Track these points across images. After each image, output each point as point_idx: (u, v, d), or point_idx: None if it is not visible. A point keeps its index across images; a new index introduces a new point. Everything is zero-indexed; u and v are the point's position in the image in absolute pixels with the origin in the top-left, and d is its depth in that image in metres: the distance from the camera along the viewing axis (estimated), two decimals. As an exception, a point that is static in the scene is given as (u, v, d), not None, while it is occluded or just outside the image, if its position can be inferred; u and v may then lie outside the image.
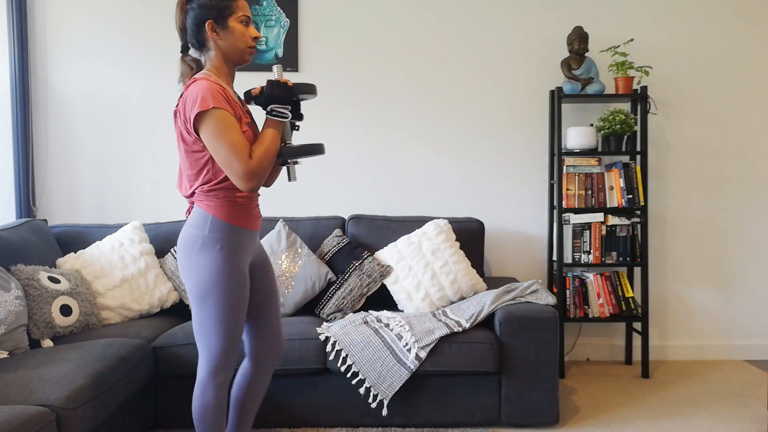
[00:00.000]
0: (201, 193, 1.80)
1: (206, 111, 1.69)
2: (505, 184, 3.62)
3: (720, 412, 2.83)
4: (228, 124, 1.71)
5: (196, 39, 1.84)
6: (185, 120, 1.74)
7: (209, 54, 1.85)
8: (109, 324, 2.86)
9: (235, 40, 1.83)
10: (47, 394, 1.94)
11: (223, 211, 1.79)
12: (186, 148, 1.79)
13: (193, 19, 1.82)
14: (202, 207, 1.80)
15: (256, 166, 1.73)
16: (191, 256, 1.79)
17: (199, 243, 1.77)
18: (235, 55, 1.86)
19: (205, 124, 1.70)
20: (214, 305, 1.78)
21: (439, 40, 3.59)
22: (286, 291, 2.93)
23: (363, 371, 2.57)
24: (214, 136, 1.70)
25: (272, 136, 1.79)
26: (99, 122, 3.57)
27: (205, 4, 1.81)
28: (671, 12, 3.59)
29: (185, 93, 1.76)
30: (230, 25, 1.82)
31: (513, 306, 2.70)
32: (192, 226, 1.81)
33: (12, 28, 3.41)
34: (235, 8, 1.82)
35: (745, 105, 3.62)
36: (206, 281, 1.77)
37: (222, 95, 1.75)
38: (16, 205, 3.47)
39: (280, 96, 1.81)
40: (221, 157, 1.71)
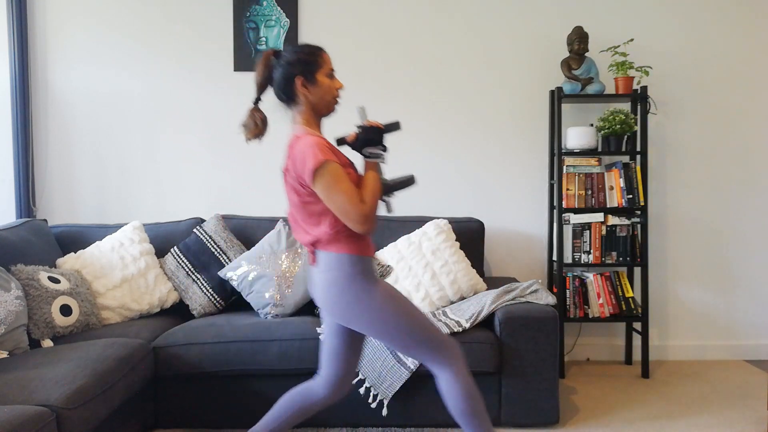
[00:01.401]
0: (327, 238, 1.86)
1: (318, 167, 1.76)
2: (505, 184, 3.62)
3: (720, 412, 2.83)
4: (339, 175, 1.79)
5: (284, 93, 1.91)
6: (298, 177, 1.81)
7: (298, 108, 1.93)
8: (109, 324, 2.86)
9: (323, 93, 1.91)
10: (47, 394, 1.94)
11: (354, 247, 1.86)
12: (300, 201, 1.86)
13: (282, 76, 1.89)
14: (333, 250, 1.86)
15: (369, 209, 1.81)
16: (346, 299, 1.85)
17: (347, 283, 1.85)
18: (323, 107, 1.93)
19: (318, 178, 1.77)
20: (399, 321, 1.85)
21: (439, 40, 3.59)
22: (286, 291, 2.93)
23: (363, 371, 2.57)
24: (329, 189, 1.78)
25: (374, 178, 1.88)
26: (99, 122, 3.57)
27: (294, 60, 1.88)
28: (671, 12, 3.59)
29: (293, 152, 1.82)
30: (318, 79, 1.89)
31: (513, 306, 2.70)
32: (330, 271, 1.86)
33: (12, 28, 3.41)
34: (321, 63, 1.90)
35: (745, 105, 3.62)
36: (375, 310, 1.84)
37: (328, 147, 1.83)
38: (16, 205, 3.47)
39: (374, 139, 1.89)
40: (337, 207, 1.79)
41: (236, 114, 3.58)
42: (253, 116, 1.94)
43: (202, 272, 3.07)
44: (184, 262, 3.09)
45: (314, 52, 1.90)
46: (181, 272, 3.07)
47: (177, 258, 3.10)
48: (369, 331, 1.87)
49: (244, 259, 3.03)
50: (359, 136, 1.90)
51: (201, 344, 2.60)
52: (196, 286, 3.05)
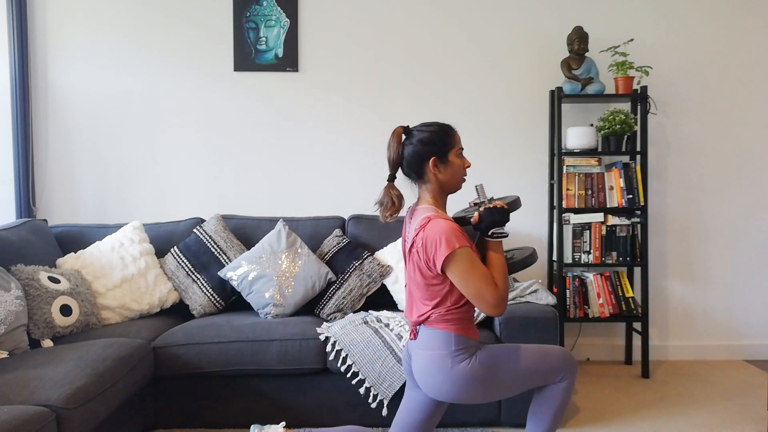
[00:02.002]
0: (438, 316, 1.86)
1: (454, 253, 1.76)
2: (505, 184, 3.62)
3: (720, 412, 2.83)
4: (472, 260, 1.79)
5: (415, 172, 1.92)
6: (427, 259, 1.81)
7: (426, 186, 1.93)
8: (109, 324, 2.86)
9: (454, 173, 1.92)
10: (47, 394, 1.94)
11: (461, 328, 1.86)
12: (425, 282, 1.86)
13: (415, 155, 1.89)
14: (441, 328, 1.86)
15: (504, 292, 1.81)
16: (451, 378, 1.84)
17: (450, 361, 1.84)
18: (452, 186, 1.94)
19: (452, 265, 1.78)
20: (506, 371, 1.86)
21: (439, 40, 3.59)
22: (286, 291, 2.93)
23: (363, 371, 2.57)
24: (464, 275, 1.78)
25: (501, 259, 1.88)
26: (99, 122, 3.57)
27: (429, 141, 1.88)
28: (671, 12, 3.59)
29: (424, 234, 1.81)
30: (450, 159, 1.90)
31: (513, 306, 2.70)
32: (434, 349, 1.86)
33: (12, 28, 3.41)
34: (453, 143, 1.91)
35: (745, 105, 3.62)
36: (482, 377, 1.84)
37: (460, 231, 1.82)
38: (16, 205, 3.47)
39: (501, 221, 1.89)
40: (472, 292, 1.79)
41: (236, 114, 3.58)
42: (389, 194, 1.94)
43: (202, 272, 3.07)
44: (184, 262, 3.09)
45: (447, 131, 1.91)
46: (181, 272, 3.07)
47: (177, 258, 3.10)
48: (482, 399, 1.89)
49: (244, 259, 3.03)
50: (485, 218, 1.89)
51: (201, 344, 2.60)
52: (196, 286, 3.05)
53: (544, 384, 1.92)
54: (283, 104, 3.58)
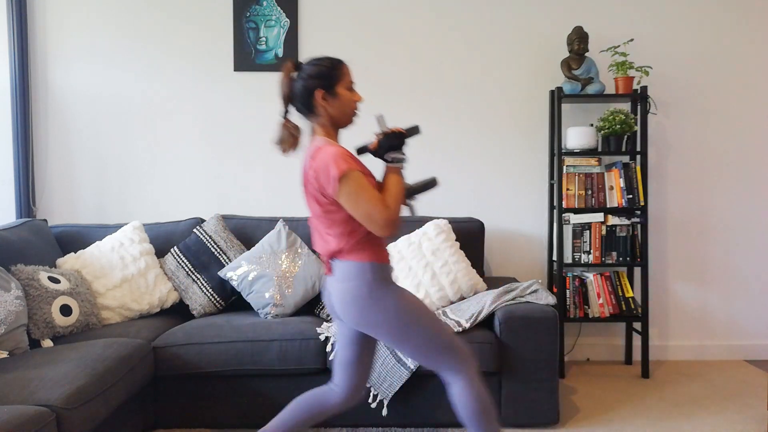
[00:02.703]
0: (348, 248, 1.87)
1: (342, 177, 1.78)
2: (505, 184, 3.62)
3: (720, 412, 2.83)
4: (362, 183, 1.80)
5: (304, 106, 1.92)
6: (320, 187, 1.82)
7: (318, 120, 1.93)
8: (109, 324, 2.86)
9: (343, 106, 1.92)
10: (47, 394, 1.94)
11: (372, 255, 1.88)
12: (322, 210, 1.87)
13: (303, 89, 1.89)
14: (353, 259, 1.87)
15: (394, 213, 1.82)
16: (367, 307, 1.86)
17: (366, 290, 1.85)
18: (343, 120, 1.94)
19: (342, 188, 1.79)
20: (419, 326, 1.86)
21: (439, 41, 3.59)
22: (286, 291, 2.93)
23: (363, 371, 2.57)
24: (353, 197, 1.79)
25: (398, 182, 1.89)
26: (99, 122, 3.57)
27: (315, 74, 1.88)
28: (671, 12, 3.59)
29: (313, 162, 1.83)
30: (338, 92, 1.90)
31: (513, 306, 2.70)
32: (351, 279, 1.87)
33: (12, 28, 3.41)
34: (341, 76, 1.91)
35: (745, 105, 3.62)
36: (397, 315, 1.85)
37: (349, 156, 1.84)
38: (16, 205, 3.47)
39: (397, 144, 1.91)
40: (362, 214, 1.80)
41: (236, 114, 3.58)
42: (286, 128, 1.94)
43: (202, 272, 3.07)
44: (184, 262, 3.09)
45: (335, 65, 1.91)
46: (181, 272, 3.07)
47: (177, 258, 3.10)
48: (387, 338, 1.88)
49: (244, 259, 3.03)
50: (381, 142, 1.92)
51: (201, 344, 2.60)
52: (196, 286, 3.05)
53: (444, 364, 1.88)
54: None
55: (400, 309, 1.85)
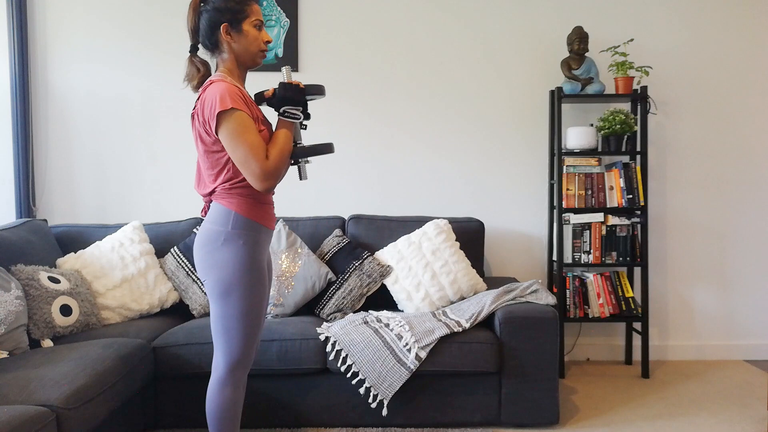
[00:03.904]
0: (222, 190, 1.83)
1: (225, 112, 1.72)
2: (505, 184, 3.62)
3: (720, 412, 2.83)
4: (246, 125, 1.74)
5: (209, 41, 1.88)
6: (204, 121, 1.77)
7: (222, 56, 1.89)
8: (109, 324, 2.86)
9: (248, 44, 1.87)
10: (47, 394, 1.94)
11: (245, 208, 1.82)
12: (205, 149, 1.82)
13: (208, 21, 1.85)
14: (224, 204, 1.82)
15: (273, 166, 1.76)
16: (213, 252, 1.81)
17: (222, 239, 1.80)
18: (248, 58, 1.89)
19: (223, 125, 1.73)
20: (238, 300, 1.80)
21: (439, 40, 3.59)
22: (286, 291, 2.93)
23: (363, 371, 2.57)
24: (233, 137, 1.73)
25: (286, 137, 1.83)
26: (99, 122, 3.57)
27: (221, 7, 1.84)
28: (671, 12, 3.59)
29: (203, 95, 1.79)
30: (244, 28, 1.86)
31: (513, 306, 2.70)
32: (213, 222, 1.83)
33: (12, 28, 3.41)
34: (249, 12, 1.86)
35: (745, 105, 3.62)
36: (230, 276, 1.79)
37: (240, 96, 1.78)
38: (16, 205, 3.47)
39: (293, 98, 1.85)
40: (239, 157, 1.74)
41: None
42: (192, 64, 1.90)
43: (202, 272, 3.06)
44: (184, 262, 3.09)
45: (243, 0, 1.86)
46: (181, 272, 3.07)
47: (177, 258, 3.10)
48: (208, 289, 1.82)
49: (244, 259, 3.02)
50: (277, 93, 1.86)
51: (201, 344, 2.60)
52: (196, 286, 3.05)
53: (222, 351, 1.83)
54: (283, 104, 3.58)
55: (236, 277, 1.78)
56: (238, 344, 1.83)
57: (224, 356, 1.85)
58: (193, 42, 1.91)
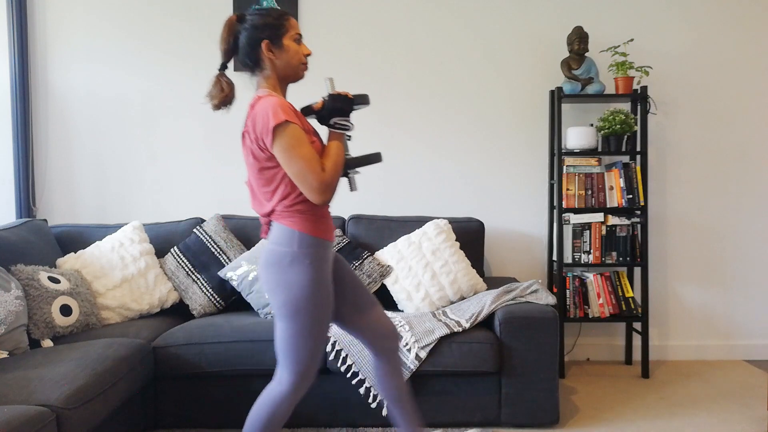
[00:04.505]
0: (282, 209, 1.80)
1: (279, 126, 1.70)
2: (505, 184, 3.62)
3: (720, 412, 2.83)
4: (300, 138, 1.73)
5: (249, 59, 1.86)
6: (257, 138, 1.75)
7: (264, 73, 1.87)
8: (109, 324, 2.86)
9: (290, 58, 1.86)
10: (47, 394, 1.94)
11: (308, 225, 1.80)
12: (259, 167, 1.80)
13: (247, 40, 1.84)
14: (286, 224, 1.80)
15: (329, 178, 1.75)
16: (280, 273, 1.79)
17: (288, 259, 1.78)
18: (290, 72, 1.88)
19: (278, 139, 1.71)
20: (306, 318, 1.79)
21: (439, 40, 3.59)
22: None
23: (363, 371, 2.57)
24: (287, 151, 1.71)
25: (338, 148, 1.82)
26: (99, 122, 3.57)
27: (259, 24, 1.83)
28: (671, 12, 3.59)
29: (253, 112, 1.77)
30: (285, 43, 1.84)
31: (513, 306, 2.70)
32: (277, 243, 1.80)
33: (12, 28, 3.41)
34: (288, 27, 1.85)
35: (745, 105, 3.62)
36: (298, 296, 1.78)
37: (291, 109, 1.77)
38: (16, 205, 3.47)
39: (342, 108, 1.84)
40: (295, 171, 1.72)
41: (236, 114, 3.58)
42: (219, 81, 1.88)
43: (202, 272, 3.07)
44: (184, 262, 3.09)
45: (281, 15, 1.85)
46: (181, 272, 3.07)
47: (177, 258, 3.10)
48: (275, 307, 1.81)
49: (244, 259, 3.03)
50: (326, 104, 1.84)
51: (201, 344, 2.60)
52: (196, 286, 3.05)
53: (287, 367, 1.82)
54: (283, 104, 3.58)
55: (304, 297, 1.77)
56: (305, 361, 1.83)
57: (290, 373, 1.84)
58: (224, 61, 1.90)
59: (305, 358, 1.82)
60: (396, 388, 2.04)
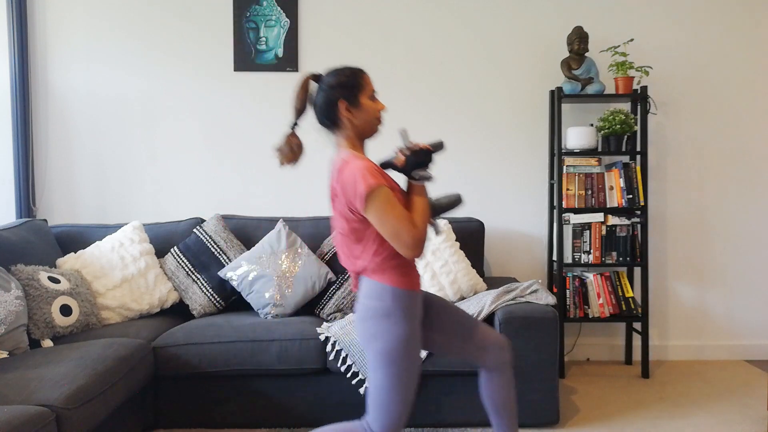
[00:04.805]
0: (374, 266, 1.83)
1: (369, 192, 1.73)
2: (505, 184, 3.62)
3: (720, 412, 2.83)
4: (390, 199, 1.76)
5: (327, 119, 1.88)
6: (347, 202, 1.78)
7: (342, 132, 1.89)
8: (109, 324, 2.86)
9: (367, 116, 1.88)
10: (47, 394, 1.94)
11: (400, 280, 1.83)
12: (349, 227, 1.83)
13: (324, 100, 1.86)
14: (378, 279, 1.83)
15: (421, 234, 1.78)
16: (375, 326, 1.82)
17: (382, 313, 1.81)
18: (368, 130, 1.90)
19: (370, 203, 1.74)
20: (399, 369, 1.82)
21: (439, 41, 3.59)
22: (286, 291, 2.93)
23: (363, 371, 2.57)
24: (381, 214, 1.75)
25: (424, 201, 1.85)
26: (99, 122, 3.57)
27: (335, 84, 1.85)
28: (671, 12, 3.59)
29: (341, 176, 1.79)
30: (362, 102, 1.86)
31: (513, 306, 2.70)
32: (371, 298, 1.84)
33: (12, 28, 3.41)
34: (364, 84, 1.87)
35: (744, 105, 3.62)
36: (393, 347, 1.81)
37: (377, 170, 1.79)
38: (16, 205, 3.47)
39: (424, 161, 1.86)
40: (389, 232, 1.76)
41: (236, 114, 3.58)
42: (289, 142, 1.91)
43: (202, 272, 3.07)
44: (184, 262, 3.09)
45: (356, 74, 1.88)
46: (181, 272, 3.07)
47: (177, 258, 3.10)
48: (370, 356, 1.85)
49: (244, 259, 3.03)
50: (408, 159, 1.87)
51: (201, 344, 2.60)
52: (196, 286, 3.05)
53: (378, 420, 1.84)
54: (283, 104, 3.58)
55: (398, 348, 1.81)
56: (396, 410, 1.85)
57: (380, 423, 1.85)
58: (296, 119, 1.92)
59: (396, 407, 1.84)
60: (507, 398, 2.04)
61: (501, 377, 2.02)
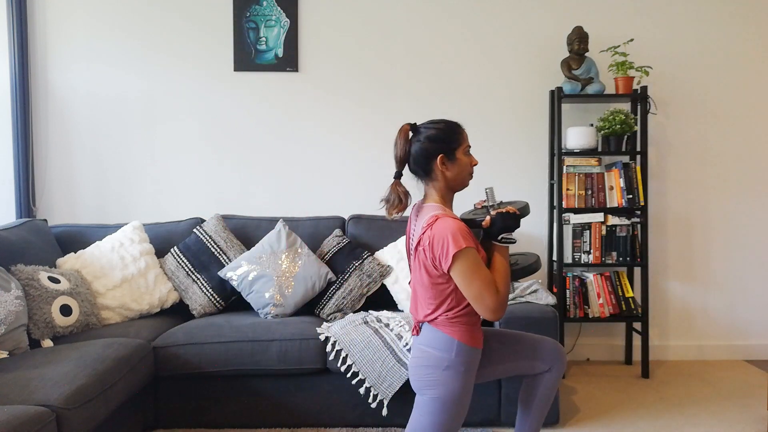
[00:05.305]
0: (446, 319, 1.86)
1: (458, 253, 1.75)
2: (505, 184, 3.62)
3: (720, 412, 2.83)
4: (477, 262, 1.78)
5: (422, 170, 1.91)
6: (433, 258, 1.80)
7: (434, 183, 1.92)
8: (109, 324, 2.86)
9: (461, 170, 1.91)
10: (47, 394, 1.94)
11: (468, 336, 1.86)
12: (431, 281, 1.85)
13: (422, 152, 1.89)
14: (446, 332, 1.86)
15: (504, 297, 1.81)
16: (436, 375, 1.86)
17: (444, 365, 1.85)
18: (459, 184, 1.94)
19: (457, 264, 1.77)
20: (449, 418, 1.86)
21: (439, 40, 3.59)
22: (286, 291, 2.93)
23: (363, 371, 2.57)
24: (467, 275, 1.77)
25: (506, 265, 1.88)
26: (99, 122, 3.57)
27: (434, 137, 1.88)
28: (671, 12, 3.59)
29: (430, 232, 1.81)
30: (458, 156, 1.89)
31: (513, 306, 2.70)
32: (434, 348, 1.87)
33: (12, 28, 3.41)
34: (461, 140, 1.91)
35: (745, 105, 3.62)
36: (449, 397, 1.85)
37: (467, 232, 1.81)
38: (16, 205, 3.47)
39: (513, 226, 1.88)
40: (473, 294, 1.78)
41: (236, 114, 3.58)
42: (395, 191, 1.93)
43: (202, 272, 3.07)
44: (184, 262, 3.09)
45: (455, 129, 1.91)
46: (181, 272, 3.07)
47: (177, 258, 3.10)
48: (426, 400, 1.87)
49: (244, 259, 3.03)
50: (496, 222, 1.88)
51: (201, 344, 2.60)
52: (196, 286, 3.05)
53: None
54: (283, 104, 3.58)
55: (452, 399, 1.84)
56: None
57: None
58: (399, 169, 1.94)
59: None
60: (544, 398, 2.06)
61: (550, 375, 2.05)
